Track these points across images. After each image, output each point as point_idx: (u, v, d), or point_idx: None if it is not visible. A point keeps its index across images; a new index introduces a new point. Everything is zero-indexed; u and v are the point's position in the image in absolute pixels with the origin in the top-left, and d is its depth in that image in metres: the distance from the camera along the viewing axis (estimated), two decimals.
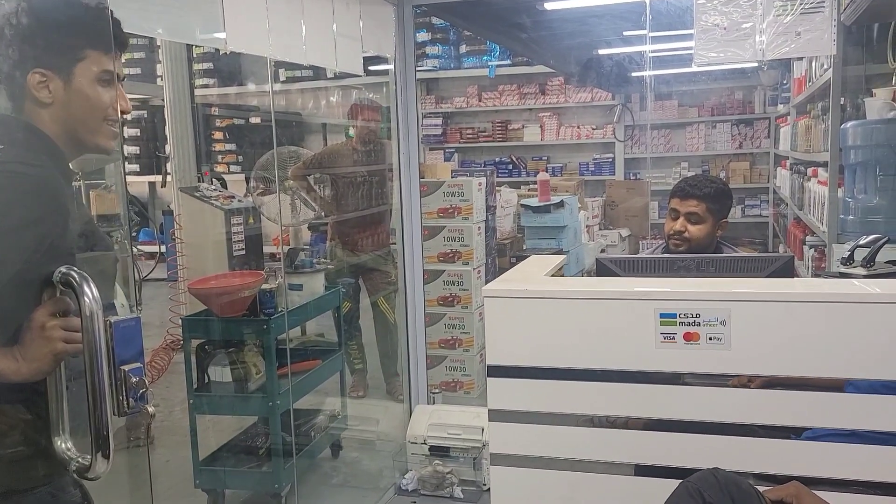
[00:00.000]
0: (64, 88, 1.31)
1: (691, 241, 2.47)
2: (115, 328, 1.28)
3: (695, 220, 2.47)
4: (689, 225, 2.47)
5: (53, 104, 1.31)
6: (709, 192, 2.49)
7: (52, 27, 1.32)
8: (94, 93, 1.35)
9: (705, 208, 2.47)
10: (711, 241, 2.50)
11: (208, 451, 3.28)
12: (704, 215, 2.47)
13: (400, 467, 3.46)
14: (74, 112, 1.33)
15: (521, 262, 2.35)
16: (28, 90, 1.30)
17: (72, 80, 1.32)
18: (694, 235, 2.47)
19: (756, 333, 1.64)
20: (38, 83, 1.29)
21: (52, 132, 1.32)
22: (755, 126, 8.21)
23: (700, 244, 2.48)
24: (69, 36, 1.33)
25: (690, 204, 2.48)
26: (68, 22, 1.34)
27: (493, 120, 8.98)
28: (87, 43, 1.33)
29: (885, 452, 1.59)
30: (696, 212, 2.47)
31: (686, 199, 2.49)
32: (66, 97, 1.32)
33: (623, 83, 7.43)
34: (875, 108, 3.27)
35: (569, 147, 8.79)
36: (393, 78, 3.55)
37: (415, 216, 3.64)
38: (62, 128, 1.33)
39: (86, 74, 1.34)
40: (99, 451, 1.25)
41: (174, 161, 5.36)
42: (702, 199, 2.47)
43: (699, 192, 2.48)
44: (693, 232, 2.47)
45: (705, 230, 2.48)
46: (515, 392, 1.81)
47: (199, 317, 3.22)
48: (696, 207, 2.47)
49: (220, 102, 8.38)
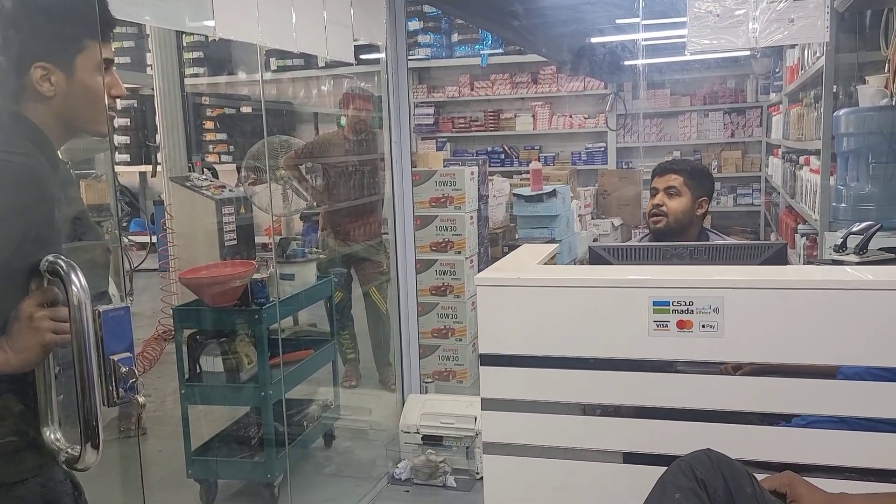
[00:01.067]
0: (66, 81, 1.30)
1: (669, 216, 2.49)
2: (103, 317, 1.26)
3: (673, 192, 2.50)
4: (667, 199, 2.50)
5: (55, 97, 1.29)
6: (686, 167, 2.55)
7: (51, 19, 1.30)
8: (95, 83, 1.34)
9: (682, 181, 2.50)
10: (691, 220, 2.51)
11: (200, 441, 3.27)
12: (682, 188, 2.49)
13: (393, 456, 3.46)
14: (75, 104, 1.32)
15: (514, 251, 2.34)
16: (29, 85, 1.28)
17: (74, 73, 1.31)
18: (671, 209, 2.49)
19: (749, 321, 1.63)
20: (40, 77, 1.27)
21: (43, 122, 1.30)
22: (747, 115, 8.21)
23: (679, 220, 2.49)
24: (69, 27, 1.31)
25: (668, 178, 2.52)
26: (67, 13, 1.32)
27: (485, 109, 8.96)
28: (86, 33, 1.32)
29: (874, 439, 1.60)
30: (673, 185, 2.50)
31: (664, 174, 2.55)
32: (68, 89, 1.30)
33: (615, 72, 7.42)
34: (868, 95, 3.27)
35: (561, 136, 8.78)
36: (384, 67, 3.53)
37: (407, 205, 3.63)
38: (58, 119, 1.32)
39: (87, 66, 1.32)
40: (88, 441, 1.24)
41: (164, 151, 5.32)
42: (679, 172, 2.52)
43: (676, 167, 2.55)
44: (671, 206, 2.49)
45: (683, 204, 2.49)
46: (508, 381, 1.80)
47: (189, 307, 3.20)
48: (674, 181, 2.51)
49: (210, 92, 8.32)
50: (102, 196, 4.00)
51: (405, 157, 3.60)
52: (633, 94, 8.38)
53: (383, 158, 3.81)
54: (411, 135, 3.70)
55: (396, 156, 3.57)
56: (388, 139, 3.58)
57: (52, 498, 1.30)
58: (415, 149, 7.66)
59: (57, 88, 1.29)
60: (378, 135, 4.26)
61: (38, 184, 1.25)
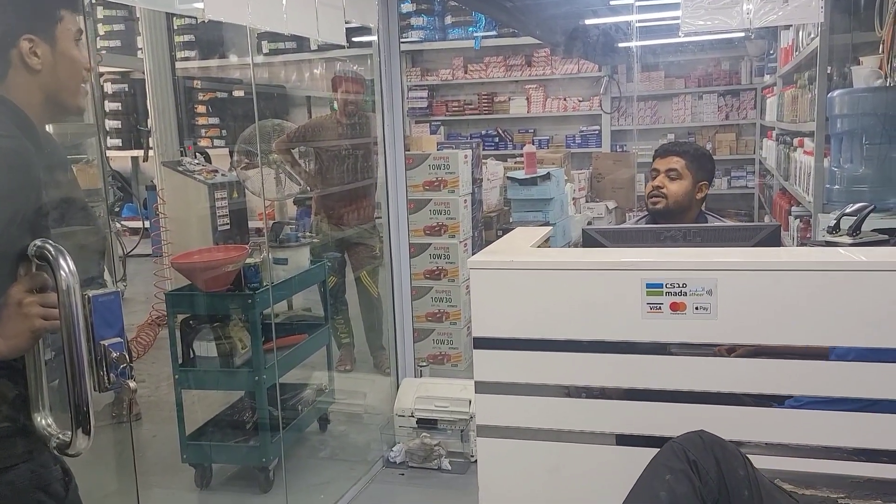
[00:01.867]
0: (51, 52, 1.30)
1: (669, 199, 2.48)
2: (93, 302, 1.25)
3: (674, 175, 2.49)
4: (668, 182, 2.49)
5: (42, 71, 1.29)
6: (688, 150, 2.54)
7: None
8: (75, 53, 1.34)
9: (684, 164, 2.49)
10: (690, 203, 2.50)
11: (195, 426, 3.27)
12: (683, 171, 2.48)
13: (388, 440, 3.47)
14: (61, 76, 1.32)
15: (507, 234, 2.33)
16: (18, 58, 1.27)
17: (56, 44, 1.31)
18: (672, 191, 2.48)
19: (743, 303, 1.63)
20: (28, 50, 1.27)
21: (27, 100, 1.29)
22: (741, 97, 8.20)
23: (678, 203, 2.48)
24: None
25: (670, 161, 2.51)
26: None
27: (478, 92, 8.91)
28: (61, 3, 1.32)
29: (867, 419, 1.60)
30: (675, 167, 2.49)
31: (666, 156, 2.53)
32: (54, 61, 1.30)
33: (609, 54, 7.38)
34: (862, 76, 3.26)
35: (555, 119, 8.75)
36: (377, 49, 3.50)
37: (400, 189, 3.61)
38: (44, 95, 1.31)
39: (66, 36, 1.33)
40: (79, 427, 1.24)
41: (156, 135, 5.28)
42: (681, 155, 2.51)
43: (679, 150, 2.53)
44: (671, 189, 2.48)
45: (684, 187, 2.48)
46: (502, 364, 1.80)
47: (182, 292, 3.19)
48: (676, 164, 2.49)
49: (202, 75, 8.27)
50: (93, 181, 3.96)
51: (398, 140, 3.58)
52: (628, 76, 8.35)
53: (377, 142, 3.79)
54: (404, 118, 3.68)
55: (389, 139, 3.55)
56: (381, 122, 3.56)
57: (42, 483, 1.30)
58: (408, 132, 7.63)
59: (44, 61, 1.28)
60: (371, 118, 4.23)
61: (24, 167, 1.24)
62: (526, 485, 1.83)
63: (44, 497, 1.30)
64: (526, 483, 1.84)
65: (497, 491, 1.86)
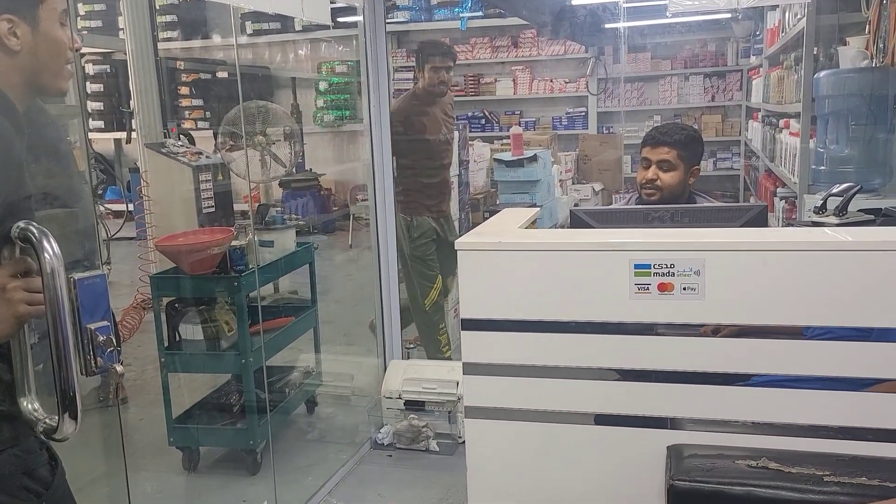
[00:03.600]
0: (31, 33, 1.27)
1: (664, 190, 2.47)
2: (79, 285, 1.23)
3: (666, 167, 2.47)
4: (661, 173, 2.48)
5: (21, 52, 1.26)
6: (679, 138, 2.50)
7: None
8: (58, 34, 1.31)
9: (676, 155, 2.47)
10: (684, 189, 2.50)
11: (182, 409, 3.26)
12: (676, 162, 2.47)
13: (375, 422, 3.48)
14: (41, 57, 1.29)
15: (495, 215, 2.32)
16: None
17: (38, 24, 1.28)
18: (666, 183, 2.47)
19: (730, 283, 1.64)
20: (7, 30, 1.24)
21: (6, 81, 1.26)
22: (727, 78, 8.20)
23: (672, 192, 2.48)
24: None
25: (662, 151, 2.48)
26: None
27: (465, 74, 8.87)
28: None
29: (853, 398, 1.61)
30: (667, 159, 2.47)
31: (657, 146, 2.50)
32: (34, 42, 1.27)
33: (596, 35, 7.35)
34: (848, 57, 3.27)
35: (542, 101, 8.73)
36: (362, 30, 3.46)
37: (387, 172, 3.59)
38: (23, 76, 1.29)
39: (50, 16, 1.30)
40: (66, 411, 1.23)
41: (139, 117, 5.21)
42: (672, 145, 2.47)
43: (670, 139, 2.49)
44: (665, 180, 2.47)
45: (677, 177, 2.48)
46: (489, 345, 1.80)
47: (168, 275, 3.17)
48: (668, 154, 2.47)
49: (185, 56, 8.17)
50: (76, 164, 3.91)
51: (385, 122, 3.55)
52: (614, 57, 8.33)
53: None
54: (390, 100, 3.65)
55: (376, 121, 3.53)
56: (368, 104, 3.53)
57: (28, 468, 1.29)
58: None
59: (23, 42, 1.26)
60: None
61: (4, 148, 1.21)
62: (514, 465, 1.84)
63: (29, 482, 1.29)
64: (514, 463, 1.84)
65: (485, 472, 1.87)
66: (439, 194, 4.12)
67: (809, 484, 1.53)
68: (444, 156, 4.15)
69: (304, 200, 7.55)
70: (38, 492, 1.30)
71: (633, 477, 1.75)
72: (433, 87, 3.99)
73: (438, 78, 3.97)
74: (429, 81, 3.98)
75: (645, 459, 1.72)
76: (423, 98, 4.05)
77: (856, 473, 1.53)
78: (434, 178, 4.09)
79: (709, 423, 1.69)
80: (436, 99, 4.05)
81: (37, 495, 1.29)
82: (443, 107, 4.11)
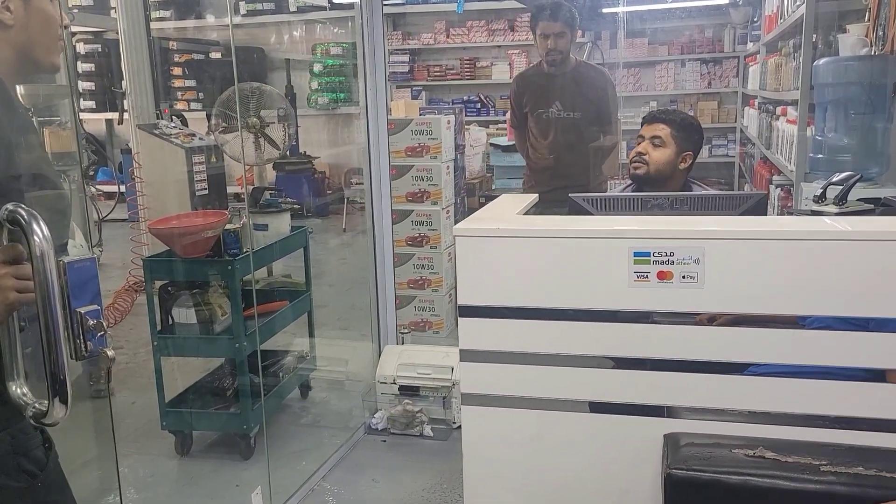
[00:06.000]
0: (24, 7, 1.25)
1: (650, 165, 2.48)
2: (68, 269, 1.21)
3: (657, 143, 2.48)
4: (651, 149, 2.49)
5: (14, 26, 1.24)
6: (675, 119, 2.52)
7: None
8: (50, 9, 1.30)
9: (669, 133, 2.48)
10: (672, 171, 2.49)
11: (175, 393, 3.25)
12: (667, 139, 2.48)
13: (369, 407, 3.47)
14: (33, 32, 1.27)
15: (493, 201, 2.30)
16: None
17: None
18: (654, 158, 2.48)
19: (729, 271, 1.62)
20: (1, 4, 1.22)
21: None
22: (724, 65, 8.17)
23: (659, 170, 2.48)
24: None
25: (656, 128, 2.50)
26: None
27: (461, 57, 8.81)
28: None
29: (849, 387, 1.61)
30: (659, 135, 2.48)
31: (653, 123, 2.52)
32: (27, 17, 1.25)
33: (595, 19, 7.30)
34: (848, 44, 3.24)
35: None
36: (358, 11, 3.42)
37: (382, 155, 3.57)
38: (16, 52, 1.27)
39: None
40: (56, 396, 1.21)
41: (131, 97, 5.16)
42: (667, 123, 2.50)
43: (666, 118, 2.52)
44: (653, 155, 2.48)
45: (666, 155, 2.48)
46: (487, 332, 1.79)
47: (161, 258, 3.14)
48: (661, 131, 2.49)
49: (178, 37, 8.08)
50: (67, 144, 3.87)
51: (381, 105, 3.52)
52: (612, 42, 8.27)
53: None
54: (386, 83, 3.62)
55: (371, 104, 3.50)
56: (364, 87, 3.50)
57: (23, 449, 1.28)
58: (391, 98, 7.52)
59: (16, 16, 1.23)
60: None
61: None
62: (510, 452, 1.83)
63: (25, 462, 1.28)
64: (509, 450, 1.83)
65: (481, 458, 1.86)
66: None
67: (806, 473, 1.53)
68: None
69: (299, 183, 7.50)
70: (34, 472, 1.29)
71: (629, 465, 1.75)
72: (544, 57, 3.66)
73: (545, 45, 3.63)
74: (539, 50, 3.66)
75: (641, 448, 1.72)
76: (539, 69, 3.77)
77: (852, 463, 1.53)
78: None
79: (706, 411, 1.69)
80: (554, 71, 3.67)
81: (32, 476, 1.29)
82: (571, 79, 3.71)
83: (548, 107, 3.74)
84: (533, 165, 3.89)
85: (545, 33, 3.62)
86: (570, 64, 3.72)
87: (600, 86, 3.81)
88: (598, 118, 3.78)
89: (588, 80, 3.76)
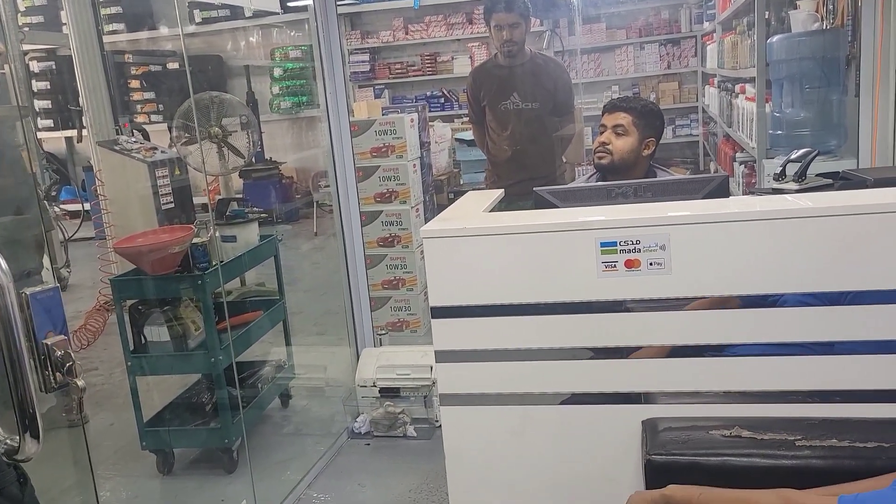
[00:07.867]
0: None
1: (614, 155, 2.51)
2: (31, 300, 1.19)
3: (620, 131, 2.51)
4: (614, 137, 2.51)
5: None
6: (636, 106, 2.54)
7: None
8: None
9: (630, 121, 2.50)
10: (636, 159, 2.52)
11: (153, 412, 3.21)
12: (629, 128, 2.50)
13: (351, 411, 3.46)
14: None
15: (459, 199, 2.30)
16: None
17: None
18: (618, 147, 2.50)
19: (696, 256, 1.64)
20: None
21: None
22: (682, 45, 8.24)
23: (623, 159, 2.50)
24: None
25: (618, 116, 2.52)
26: None
27: (421, 53, 8.79)
28: None
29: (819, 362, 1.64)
30: (621, 123, 2.50)
31: (613, 111, 2.54)
32: None
33: (550, 8, 7.32)
34: (799, 20, 3.29)
35: None
36: (313, 14, 3.40)
37: (347, 157, 3.55)
38: None
39: None
40: (27, 431, 1.19)
41: (88, 114, 5.07)
42: (628, 111, 2.52)
43: (626, 106, 2.54)
44: (617, 144, 2.50)
45: (629, 144, 2.50)
46: (460, 332, 1.79)
47: (129, 276, 3.10)
48: (623, 119, 2.51)
49: (133, 49, 7.96)
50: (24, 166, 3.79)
51: (342, 107, 3.51)
52: (570, 29, 8.31)
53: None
54: (346, 84, 3.59)
55: (333, 106, 3.48)
56: (323, 90, 3.48)
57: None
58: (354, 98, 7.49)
59: None
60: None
61: None
62: (492, 449, 1.84)
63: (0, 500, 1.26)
64: (492, 447, 1.84)
65: (463, 458, 1.86)
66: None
67: (782, 449, 1.55)
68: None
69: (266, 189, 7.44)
70: None
71: (611, 453, 1.76)
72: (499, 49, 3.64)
73: (500, 37, 3.61)
74: (494, 42, 3.65)
75: (621, 436, 1.73)
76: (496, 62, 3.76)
77: (826, 436, 1.55)
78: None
79: (682, 395, 1.70)
80: (510, 63, 3.67)
81: None
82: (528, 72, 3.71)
83: (506, 98, 3.74)
84: (493, 159, 3.89)
85: (500, 25, 3.61)
86: (525, 55, 3.72)
87: (557, 75, 3.83)
88: (556, 107, 3.80)
89: (545, 70, 3.76)
